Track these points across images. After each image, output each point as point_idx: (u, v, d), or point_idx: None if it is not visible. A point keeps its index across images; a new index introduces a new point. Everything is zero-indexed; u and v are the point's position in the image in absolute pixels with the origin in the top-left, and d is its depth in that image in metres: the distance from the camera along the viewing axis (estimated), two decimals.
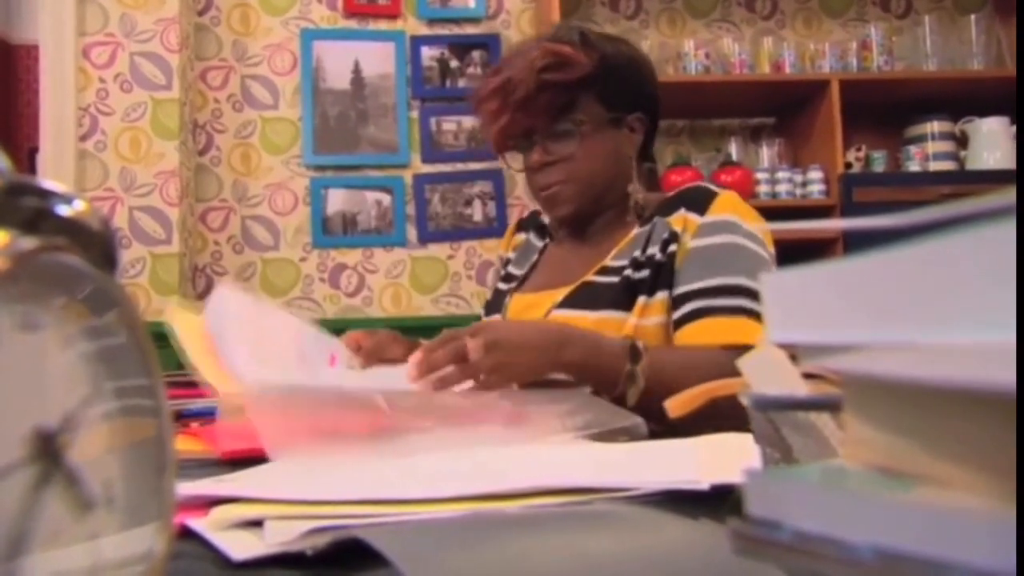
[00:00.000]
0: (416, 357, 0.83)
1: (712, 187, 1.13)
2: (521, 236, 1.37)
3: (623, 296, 1.06)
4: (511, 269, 1.33)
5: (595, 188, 1.15)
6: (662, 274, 1.06)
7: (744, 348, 1.03)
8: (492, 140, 1.19)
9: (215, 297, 0.89)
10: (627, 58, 1.17)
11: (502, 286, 1.31)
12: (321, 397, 0.75)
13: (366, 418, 0.70)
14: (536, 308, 1.14)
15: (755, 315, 0.98)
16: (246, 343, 0.84)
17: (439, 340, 0.85)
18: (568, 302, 1.10)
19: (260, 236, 2.75)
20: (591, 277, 1.12)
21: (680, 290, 1.04)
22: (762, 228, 1.09)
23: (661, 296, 1.05)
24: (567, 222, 1.21)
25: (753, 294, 1.00)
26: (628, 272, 1.07)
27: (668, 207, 1.11)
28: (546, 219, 1.30)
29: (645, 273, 1.07)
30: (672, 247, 1.06)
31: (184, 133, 2.60)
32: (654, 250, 1.07)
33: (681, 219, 1.08)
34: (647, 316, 1.05)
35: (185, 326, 0.87)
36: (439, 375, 0.81)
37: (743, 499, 0.23)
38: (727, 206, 1.08)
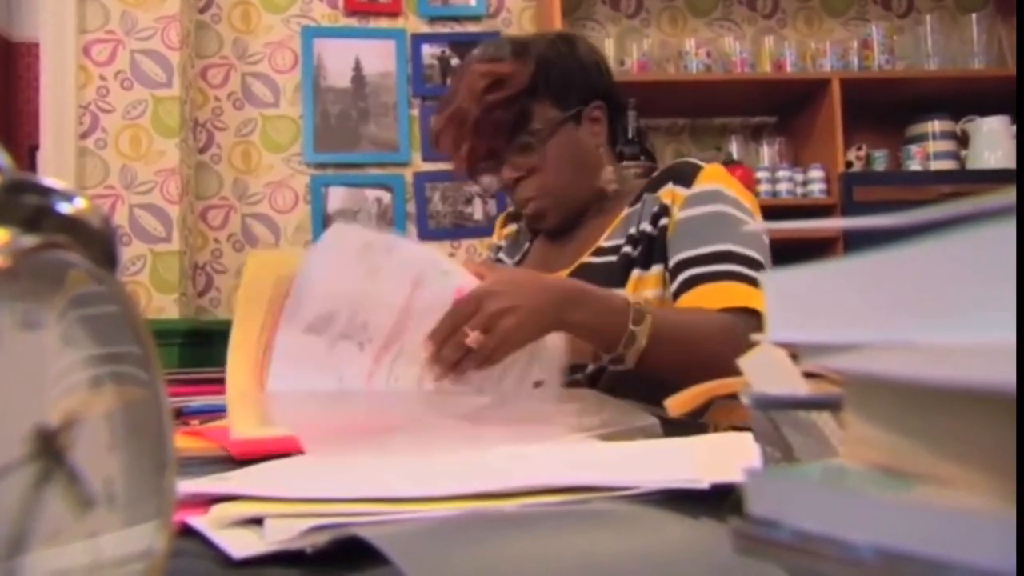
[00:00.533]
0: (429, 357, 0.81)
1: (697, 161, 1.15)
2: (511, 227, 1.38)
3: (621, 274, 1.08)
4: (502, 256, 1.34)
5: (570, 191, 1.16)
6: (655, 247, 1.08)
7: (737, 311, 1.02)
8: (462, 169, 1.18)
9: (330, 238, 0.76)
10: (566, 53, 1.16)
11: None
12: (343, 403, 0.74)
13: (386, 419, 0.70)
14: None
15: (745, 279, 0.99)
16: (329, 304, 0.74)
17: (443, 330, 0.80)
18: None
19: (261, 234, 2.75)
20: (587, 258, 1.13)
21: (672, 261, 1.06)
22: (747, 196, 1.11)
23: (656, 270, 1.07)
24: (557, 230, 1.22)
25: (741, 259, 1.01)
26: (627, 249, 1.09)
27: (656, 183, 1.13)
28: None
29: (641, 248, 1.09)
30: (663, 220, 1.08)
31: (185, 131, 2.60)
32: (646, 224, 1.09)
33: (669, 193, 1.10)
34: (641, 289, 1.06)
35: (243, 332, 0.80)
36: (455, 370, 0.80)
37: (744, 498, 0.23)
38: (712, 177, 1.10)
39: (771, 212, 2.53)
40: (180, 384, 1.14)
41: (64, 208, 0.27)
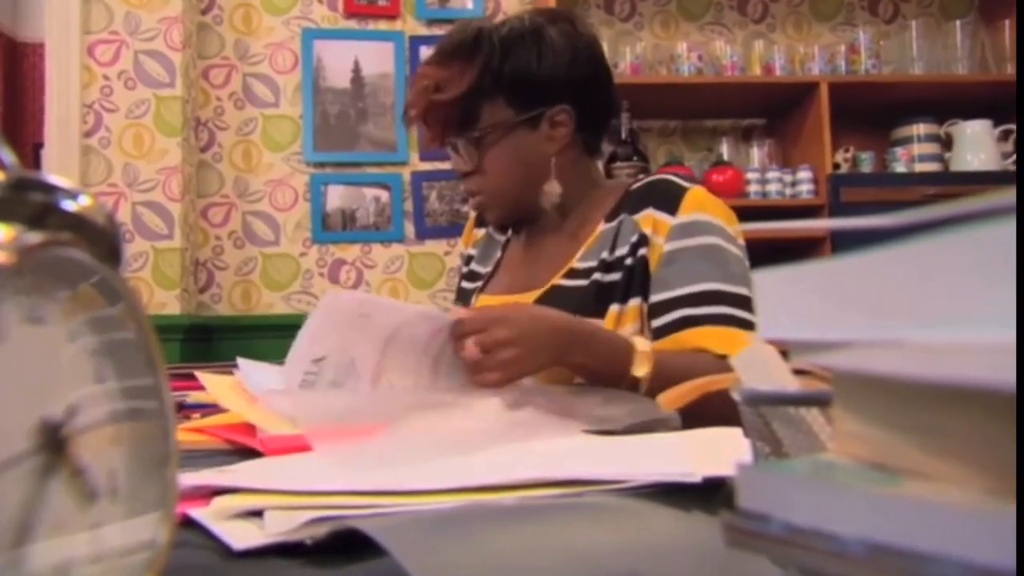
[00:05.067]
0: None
1: (678, 181, 1.06)
2: (481, 231, 1.31)
3: (593, 301, 1.01)
4: (475, 267, 1.27)
5: (510, 196, 1.10)
6: (634, 279, 1.01)
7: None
8: (428, 145, 1.16)
9: (324, 307, 0.81)
10: (530, 49, 1.04)
11: (467, 285, 1.26)
12: (366, 412, 0.74)
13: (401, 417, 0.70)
14: None
15: (740, 322, 0.94)
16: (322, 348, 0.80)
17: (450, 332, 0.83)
18: None
19: (261, 231, 2.75)
20: (559, 280, 1.06)
21: (659, 297, 0.99)
22: (734, 224, 1.04)
23: (634, 303, 1.00)
24: (500, 229, 1.19)
25: (733, 299, 0.96)
26: (597, 275, 1.03)
27: (634, 203, 1.05)
28: None
29: (615, 276, 1.02)
30: (642, 251, 1.01)
31: (187, 130, 2.59)
32: (623, 251, 1.02)
33: (650, 220, 1.02)
34: (622, 325, 1.00)
35: (215, 384, 0.85)
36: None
37: (734, 492, 0.23)
38: (697, 204, 1.02)
39: (760, 212, 2.54)
40: (181, 378, 1.13)
41: (69, 205, 0.27)
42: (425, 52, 2.82)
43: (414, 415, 0.70)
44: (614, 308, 1.00)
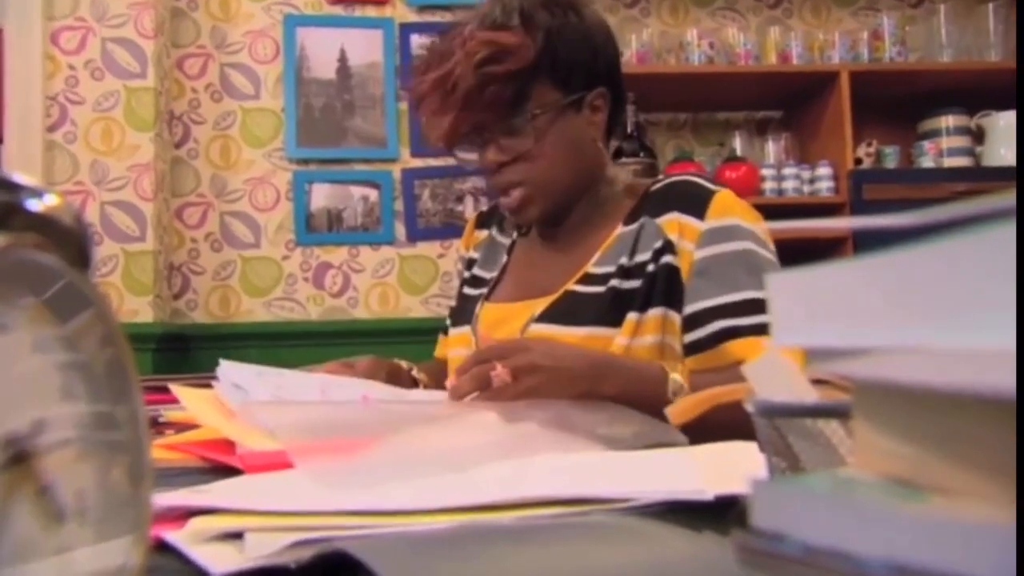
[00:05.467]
0: (450, 382, 0.85)
1: (704, 183, 1.06)
2: (483, 233, 1.30)
3: (610, 309, 1.01)
4: (478, 271, 1.25)
5: (560, 185, 1.08)
6: (656, 287, 1.01)
7: None
8: (440, 139, 1.09)
9: (223, 372, 0.89)
10: (578, 30, 1.06)
11: (470, 291, 1.24)
12: (353, 425, 0.75)
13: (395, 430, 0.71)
14: (512, 321, 1.09)
15: None
16: (268, 395, 0.85)
17: (470, 360, 0.84)
18: (549, 315, 1.05)
19: (240, 233, 2.75)
20: (573, 286, 1.05)
21: (696, 307, 0.99)
22: (764, 227, 1.04)
23: (655, 313, 1.00)
24: (542, 223, 1.16)
25: None
26: (615, 282, 1.02)
27: (656, 205, 1.06)
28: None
29: (635, 284, 1.01)
30: (667, 258, 1.01)
31: (159, 124, 2.59)
32: (644, 257, 1.02)
33: (675, 224, 1.02)
34: (640, 335, 1.00)
35: (191, 399, 0.87)
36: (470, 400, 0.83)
37: (748, 510, 0.23)
38: (726, 208, 1.02)
39: (777, 211, 2.54)
40: (155, 391, 1.13)
41: (34, 205, 0.27)
42: (417, 40, 2.82)
43: (405, 429, 0.71)
44: (632, 316, 1.00)
